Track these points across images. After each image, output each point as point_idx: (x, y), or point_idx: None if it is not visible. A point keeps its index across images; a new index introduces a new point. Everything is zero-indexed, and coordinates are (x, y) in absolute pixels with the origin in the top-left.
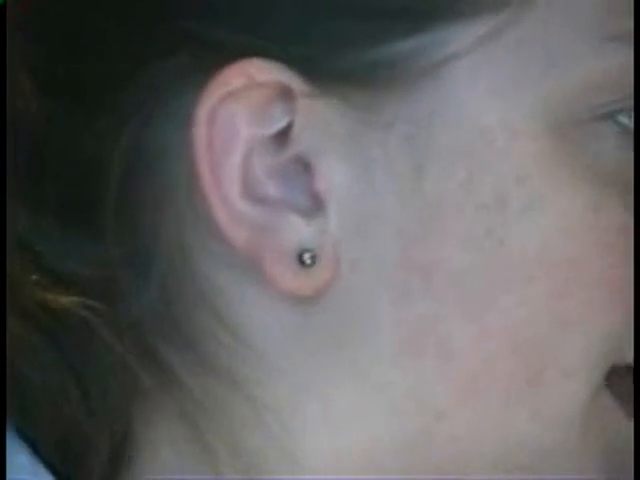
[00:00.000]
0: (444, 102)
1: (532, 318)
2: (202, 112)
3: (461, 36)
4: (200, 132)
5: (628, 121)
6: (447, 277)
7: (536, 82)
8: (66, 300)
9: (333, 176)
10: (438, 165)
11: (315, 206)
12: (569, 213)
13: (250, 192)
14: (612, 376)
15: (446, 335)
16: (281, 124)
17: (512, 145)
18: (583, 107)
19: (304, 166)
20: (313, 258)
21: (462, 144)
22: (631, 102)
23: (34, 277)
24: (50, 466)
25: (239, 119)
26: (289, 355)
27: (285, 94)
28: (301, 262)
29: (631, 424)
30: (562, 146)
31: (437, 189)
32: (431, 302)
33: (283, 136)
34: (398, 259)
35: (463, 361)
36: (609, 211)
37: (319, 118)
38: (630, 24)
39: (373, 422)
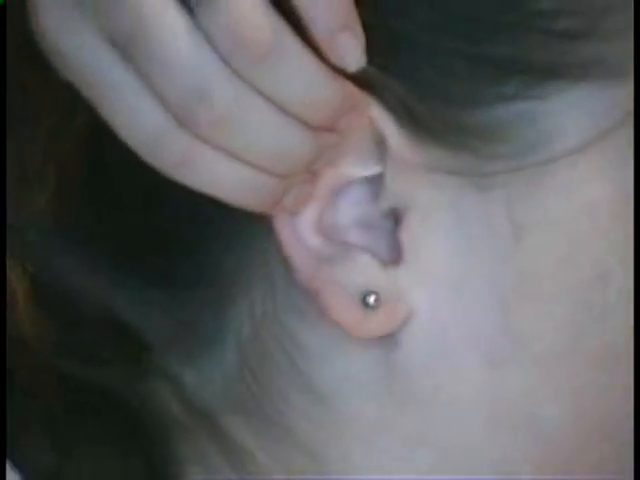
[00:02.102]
0: (551, 171)
1: (622, 402)
2: None
3: (580, 107)
4: None
5: None
6: (541, 350)
7: None
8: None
9: (423, 231)
10: (538, 234)
11: (394, 256)
12: None
13: (327, 233)
14: None
15: (538, 412)
16: (373, 170)
17: (616, 224)
18: None
19: (394, 217)
20: (377, 302)
21: (565, 217)
22: None
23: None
24: None
25: None
26: (370, 419)
27: (379, 138)
28: (363, 302)
29: None
30: None
31: (536, 258)
32: (523, 374)
33: (374, 183)
34: (492, 325)
35: (555, 443)
36: None
37: (414, 170)
38: None
39: None
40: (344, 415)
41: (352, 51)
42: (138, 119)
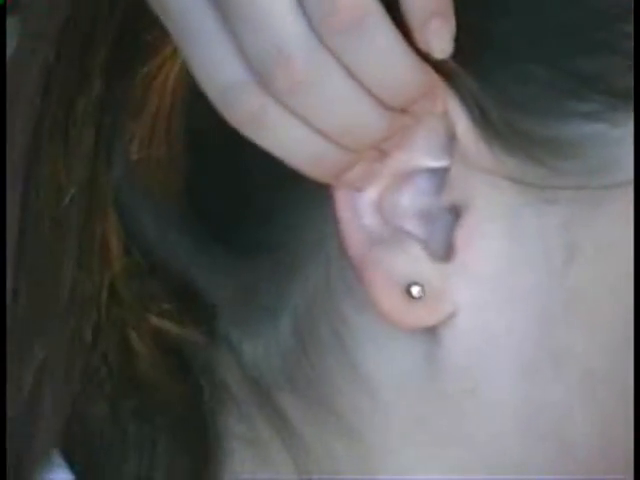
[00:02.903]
0: (611, 196)
1: None
2: None
3: None
4: None
5: None
6: (578, 369)
7: None
8: (186, 332)
9: (479, 232)
10: (591, 256)
11: (446, 251)
12: None
13: (385, 215)
14: None
15: (569, 426)
16: (440, 162)
17: None
18: None
19: (454, 213)
20: (421, 294)
21: (619, 243)
22: None
23: (159, 306)
24: None
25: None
26: (407, 407)
27: (450, 132)
28: (407, 292)
29: None
30: None
31: (586, 279)
32: (558, 390)
33: (439, 176)
34: (532, 338)
35: (580, 458)
36: None
37: (479, 171)
38: None
39: None
40: (382, 399)
41: (442, 37)
42: (217, 68)
